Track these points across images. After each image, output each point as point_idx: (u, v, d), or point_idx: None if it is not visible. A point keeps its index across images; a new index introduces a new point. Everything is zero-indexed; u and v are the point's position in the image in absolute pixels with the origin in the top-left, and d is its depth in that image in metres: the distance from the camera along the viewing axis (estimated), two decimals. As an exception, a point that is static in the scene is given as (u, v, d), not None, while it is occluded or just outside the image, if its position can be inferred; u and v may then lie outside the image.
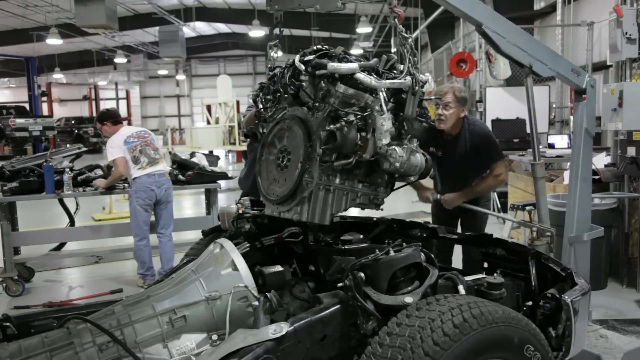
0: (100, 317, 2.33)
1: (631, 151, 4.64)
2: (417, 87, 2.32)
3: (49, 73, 30.46)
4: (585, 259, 3.08)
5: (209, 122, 16.33)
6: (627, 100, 4.65)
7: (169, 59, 21.51)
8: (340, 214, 2.98)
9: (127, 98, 36.61)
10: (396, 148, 2.29)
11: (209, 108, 17.09)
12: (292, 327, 2.06)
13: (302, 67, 2.36)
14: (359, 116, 2.26)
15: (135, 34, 26.14)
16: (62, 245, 5.94)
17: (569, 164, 6.91)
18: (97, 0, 10.21)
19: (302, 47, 2.97)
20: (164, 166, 5.29)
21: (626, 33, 4.75)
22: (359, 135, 2.26)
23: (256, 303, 2.29)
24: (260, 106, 2.65)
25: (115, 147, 5.13)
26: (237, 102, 14.83)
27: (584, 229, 3.21)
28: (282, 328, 2.04)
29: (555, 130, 8.95)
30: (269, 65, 2.74)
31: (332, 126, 2.24)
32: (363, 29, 18.91)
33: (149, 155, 5.14)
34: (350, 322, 2.19)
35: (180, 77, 36.93)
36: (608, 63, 5.63)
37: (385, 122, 2.25)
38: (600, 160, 5.73)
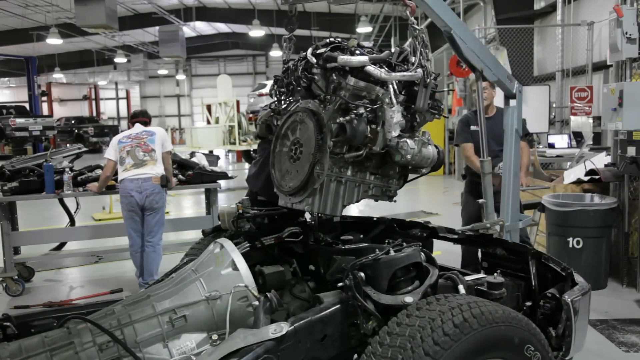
0: (100, 316, 2.33)
1: (631, 151, 4.64)
2: (428, 80, 2.34)
3: (49, 73, 30.46)
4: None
5: (209, 122, 16.31)
6: (627, 100, 4.65)
7: (169, 58, 21.51)
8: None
9: (127, 98, 36.61)
10: (407, 140, 2.30)
11: (209, 108, 17.07)
12: (292, 327, 2.05)
13: (314, 60, 2.37)
14: (369, 109, 2.26)
15: (135, 33, 26.14)
16: (62, 245, 5.94)
17: (569, 163, 6.94)
18: (97, 0, 10.22)
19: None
20: (153, 169, 4.94)
21: (626, 33, 4.75)
22: (368, 128, 2.26)
23: (256, 303, 2.29)
24: (275, 99, 2.66)
25: (110, 148, 5.08)
26: (237, 102, 14.82)
27: (516, 218, 3.54)
28: (282, 328, 2.04)
29: (556, 130, 8.95)
30: (283, 59, 2.75)
31: (341, 119, 2.25)
32: (363, 28, 18.89)
33: (136, 157, 4.95)
34: (350, 322, 2.19)
35: (180, 76, 36.93)
36: (608, 63, 5.64)
37: (395, 115, 2.26)
38: (601, 160, 5.73)
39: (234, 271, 2.42)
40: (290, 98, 2.59)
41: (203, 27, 29.43)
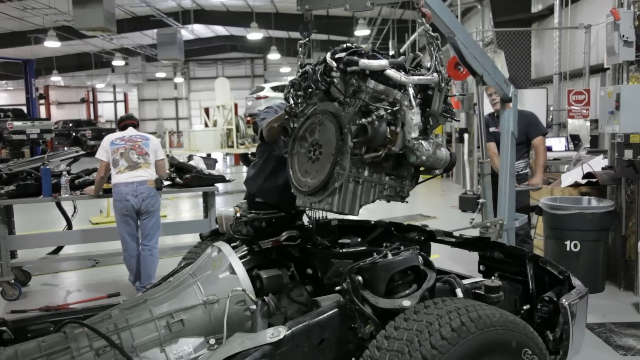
0: (97, 321, 2.32)
1: (628, 154, 4.64)
2: (443, 84, 2.40)
3: (47, 76, 30.43)
4: (512, 241, 3.64)
5: (206, 125, 16.32)
6: (624, 103, 4.67)
7: (167, 61, 21.51)
8: (338, 217, 3.01)
9: (125, 101, 36.57)
10: (423, 142, 2.36)
11: (207, 111, 17.08)
12: (290, 331, 2.05)
13: (334, 64, 2.41)
14: (389, 111, 2.32)
15: (134, 36, 26.12)
16: (59, 248, 5.93)
17: (566, 166, 6.95)
18: (95, 2, 10.22)
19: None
20: (146, 172, 4.94)
21: (623, 36, 4.77)
22: (388, 129, 2.32)
23: (254, 307, 2.29)
24: (292, 102, 2.69)
25: (101, 149, 5.03)
26: (235, 105, 14.84)
27: (512, 217, 3.67)
28: (279, 332, 2.03)
29: (553, 133, 8.97)
30: (299, 63, 2.79)
31: (363, 120, 2.30)
32: (361, 31, 18.92)
33: (130, 159, 4.92)
34: (348, 326, 2.18)
35: (179, 79, 36.89)
36: (605, 66, 5.65)
37: (414, 117, 2.33)
38: (598, 163, 5.74)
39: (232, 275, 2.42)
40: (308, 101, 2.61)
41: (201, 30, 29.44)
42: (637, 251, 4.49)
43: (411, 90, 2.34)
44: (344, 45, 2.51)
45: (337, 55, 2.44)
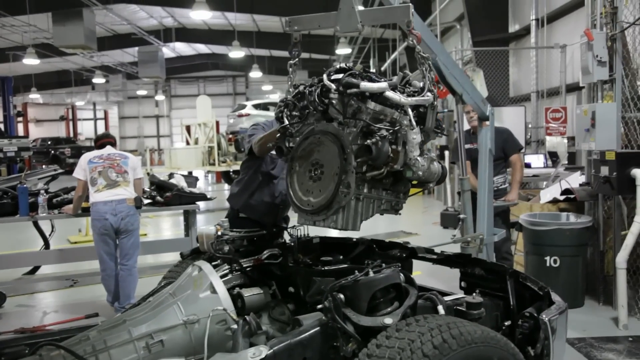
0: (74, 343, 2.28)
1: (604, 170, 4.72)
2: (435, 102, 2.47)
3: (25, 93, 30.13)
4: (491, 256, 3.73)
5: (188, 143, 16.25)
6: (600, 121, 4.77)
7: (148, 79, 21.51)
8: (320, 234, 3.01)
9: (106, 118, 36.30)
10: (418, 158, 2.41)
11: (188, 128, 17.01)
12: (272, 351, 2.03)
13: (332, 86, 2.43)
14: (391, 131, 2.37)
15: (114, 54, 26.06)
16: (36, 269, 5.81)
17: (545, 183, 7.05)
18: (75, 20, 10.22)
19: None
20: (126, 191, 4.89)
21: (597, 56, 4.88)
22: (390, 149, 2.36)
23: (235, 326, 2.27)
24: (287, 122, 2.71)
25: (79, 168, 4.97)
26: (217, 123, 14.82)
27: (491, 232, 3.73)
28: (261, 351, 2.01)
29: (532, 150, 9.11)
30: (291, 83, 2.83)
31: (368, 141, 2.35)
32: (342, 50, 19.14)
33: (108, 177, 4.86)
34: (330, 344, 2.17)
35: (160, 97, 36.80)
36: (581, 84, 5.78)
37: (416, 136, 2.40)
38: (575, 180, 5.83)
39: (213, 294, 2.40)
40: (305, 121, 2.63)
41: (183, 48, 29.48)
42: (615, 266, 4.55)
43: (410, 110, 2.40)
44: (338, 66, 2.55)
45: (333, 77, 2.47)
